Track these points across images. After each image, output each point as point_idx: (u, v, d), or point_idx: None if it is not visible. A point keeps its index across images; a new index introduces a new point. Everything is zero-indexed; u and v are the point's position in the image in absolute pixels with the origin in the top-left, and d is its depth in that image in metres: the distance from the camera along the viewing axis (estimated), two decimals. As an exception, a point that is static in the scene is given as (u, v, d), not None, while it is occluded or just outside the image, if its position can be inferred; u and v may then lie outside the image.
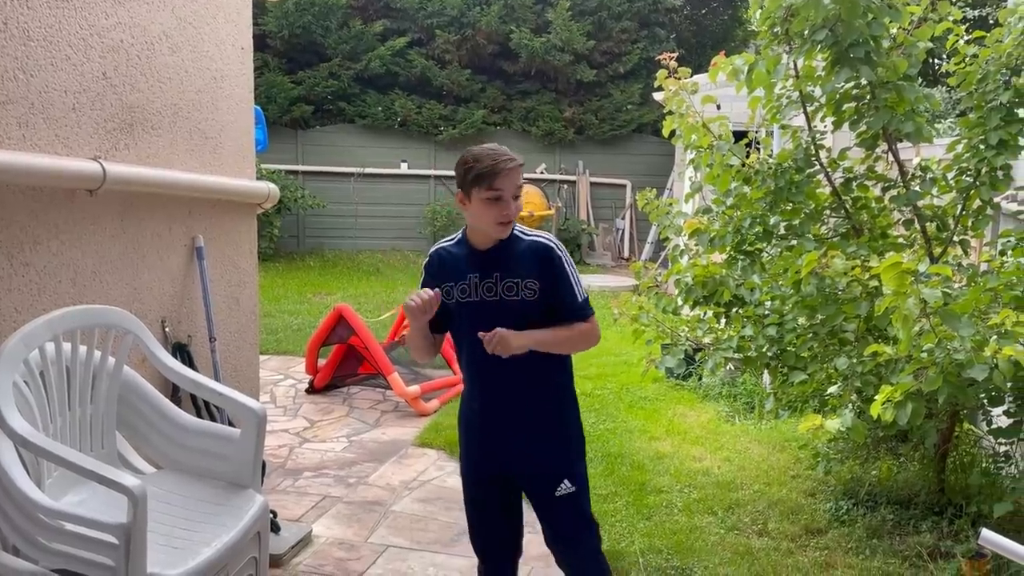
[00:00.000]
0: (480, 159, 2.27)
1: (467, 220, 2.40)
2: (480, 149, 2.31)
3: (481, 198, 2.28)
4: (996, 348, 2.80)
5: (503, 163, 2.26)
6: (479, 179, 2.26)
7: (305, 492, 4.29)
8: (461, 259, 2.40)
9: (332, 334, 5.75)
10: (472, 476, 2.59)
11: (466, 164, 2.30)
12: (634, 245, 13.11)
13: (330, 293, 9.68)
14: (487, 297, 2.37)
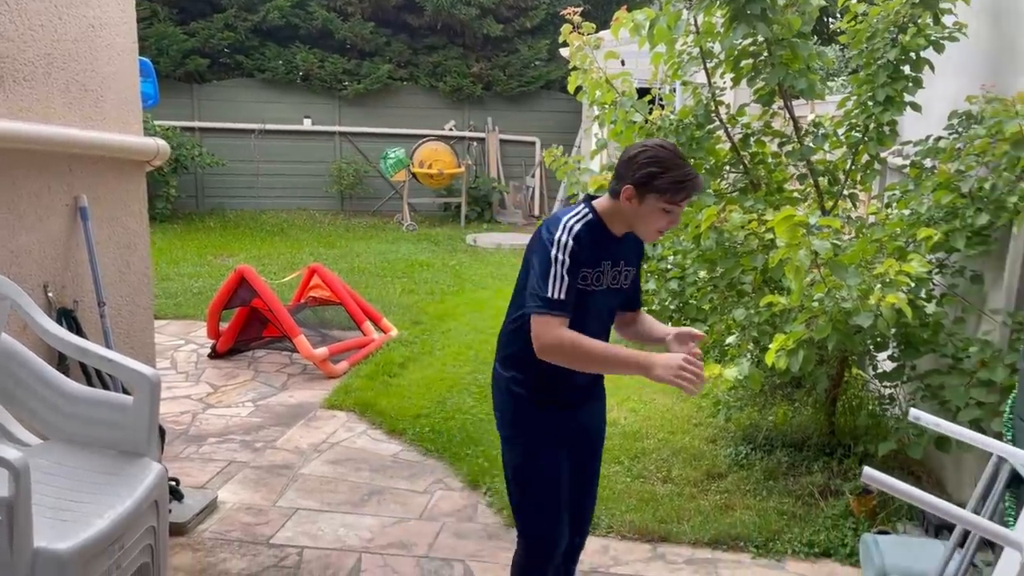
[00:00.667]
0: (671, 166, 2.14)
1: (619, 210, 2.21)
2: (668, 154, 2.16)
3: (658, 206, 2.17)
4: (880, 296, 2.94)
5: (695, 181, 2.17)
6: (667, 189, 2.14)
7: (210, 458, 4.19)
8: (597, 244, 2.21)
9: (234, 297, 5.57)
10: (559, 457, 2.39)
11: (653, 165, 2.13)
12: (544, 203, 13.16)
13: (232, 255, 9.39)
14: (611, 285, 2.31)
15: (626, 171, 2.17)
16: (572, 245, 2.14)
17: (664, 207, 2.16)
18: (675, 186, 2.14)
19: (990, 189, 3.20)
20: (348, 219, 12.20)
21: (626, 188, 2.16)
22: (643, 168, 2.14)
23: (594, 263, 2.22)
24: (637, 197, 2.16)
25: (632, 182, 2.15)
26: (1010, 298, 3.31)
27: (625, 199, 2.17)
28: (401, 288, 7.94)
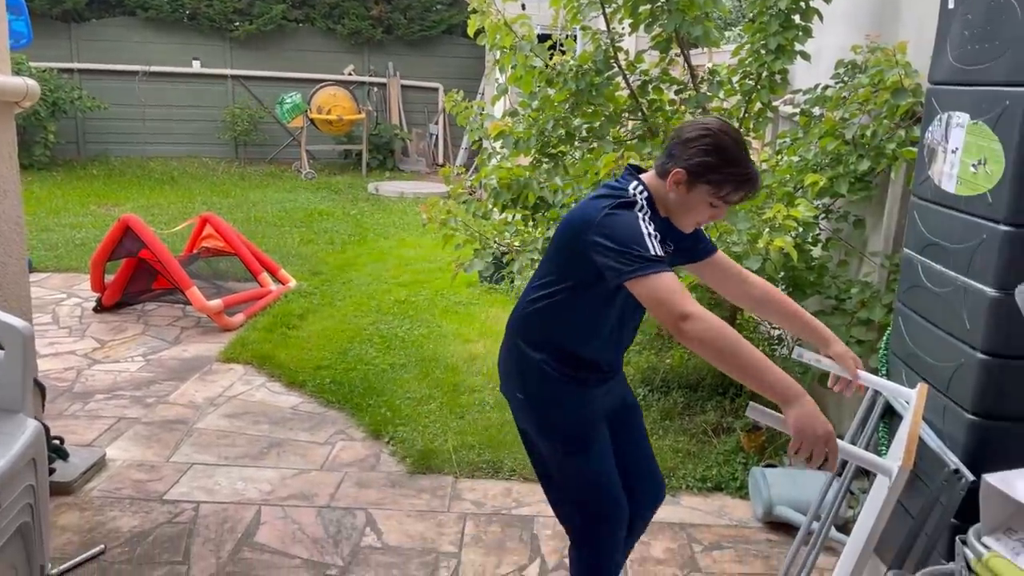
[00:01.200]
0: (732, 160, 1.91)
1: (659, 191, 2.00)
2: (732, 144, 1.93)
3: (706, 198, 1.95)
4: (768, 240, 3.04)
5: (755, 181, 1.96)
6: (723, 183, 1.93)
7: (97, 415, 4.02)
8: (654, 224, 1.95)
9: (119, 248, 5.31)
10: (607, 434, 2.23)
11: (714, 155, 1.91)
12: (448, 151, 13.02)
13: (118, 204, 8.93)
14: None
15: (681, 152, 1.94)
16: (650, 213, 1.91)
17: (714, 201, 1.96)
18: (733, 183, 1.93)
19: (871, 136, 3.33)
20: (243, 167, 11.77)
21: (677, 172, 1.93)
22: (702, 155, 1.91)
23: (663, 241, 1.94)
24: (687, 184, 1.94)
25: (685, 167, 1.92)
26: (888, 241, 3.48)
27: (672, 182, 1.94)
28: (300, 238, 7.74)
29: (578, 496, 2.20)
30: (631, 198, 1.93)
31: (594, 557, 2.24)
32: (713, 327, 1.70)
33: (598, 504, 2.18)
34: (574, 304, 2.04)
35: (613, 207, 1.90)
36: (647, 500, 2.39)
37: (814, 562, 2.72)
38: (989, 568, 1.30)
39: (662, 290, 1.75)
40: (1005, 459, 1.85)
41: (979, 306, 2.05)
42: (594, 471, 2.16)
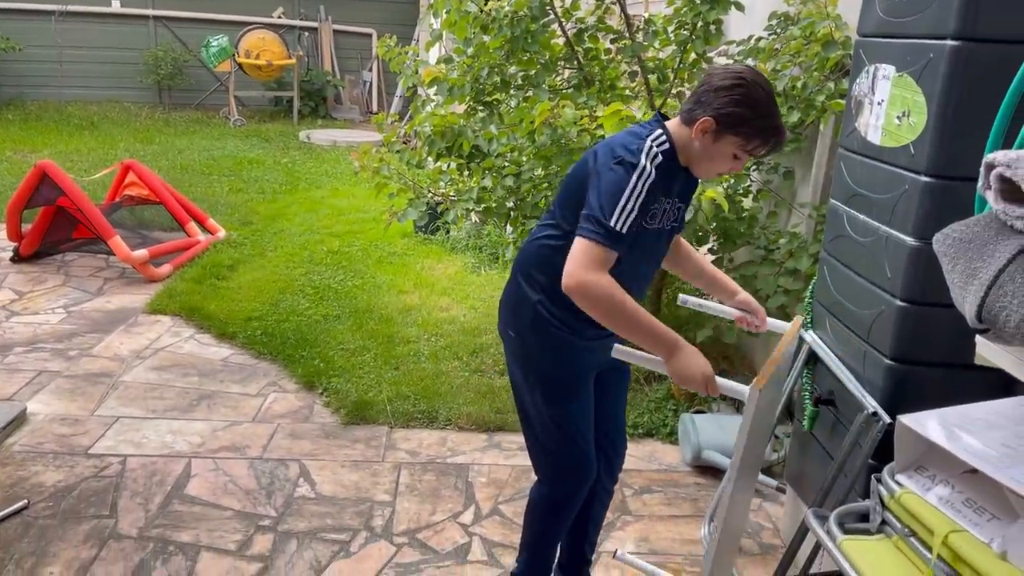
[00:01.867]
0: (764, 113, 1.87)
1: (683, 139, 1.95)
2: (765, 97, 1.87)
3: (731, 149, 1.91)
4: (700, 191, 3.07)
5: (782, 136, 1.92)
6: (753, 135, 1.88)
7: (16, 368, 3.88)
8: (670, 178, 1.95)
9: (36, 195, 5.07)
10: (591, 386, 2.21)
11: (746, 106, 1.86)
12: (382, 98, 12.75)
13: (35, 150, 8.52)
14: (666, 225, 2.05)
15: (711, 100, 1.88)
16: (653, 177, 1.86)
17: (738, 152, 1.92)
18: (762, 137, 1.89)
19: (802, 88, 3.37)
20: (167, 113, 11.33)
21: (705, 120, 1.88)
22: (733, 105, 1.86)
23: (666, 197, 1.97)
24: (713, 134, 1.90)
25: (715, 115, 1.87)
26: (816, 192, 3.55)
27: (699, 131, 1.90)
28: (229, 187, 7.53)
29: (550, 446, 2.20)
30: (637, 156, 1.88)
31: (551, 508, 2.28)
32: (602, 291, 1.81)
33: (568, 458, 2.20)
34: None
35: (617, 162, 1.87)
36: (607, 468, 2.40)
37: (739, 503, 2.82)
38: (901, 504, 1.36)
39: (589, 254, 1.82)
40: (920, 402, 1.92)
41: (899, 255, 2.12)
42: (571, 426, 2.17)
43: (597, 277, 1.81)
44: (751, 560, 2.80)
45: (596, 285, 1.80)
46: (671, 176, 1.95)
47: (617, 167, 1.86)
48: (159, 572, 2.57)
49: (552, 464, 2.24)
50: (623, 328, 1.86)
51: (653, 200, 1.90)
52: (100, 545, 2.68)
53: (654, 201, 1.91)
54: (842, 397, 2.41)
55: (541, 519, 2.31)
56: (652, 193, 1.87)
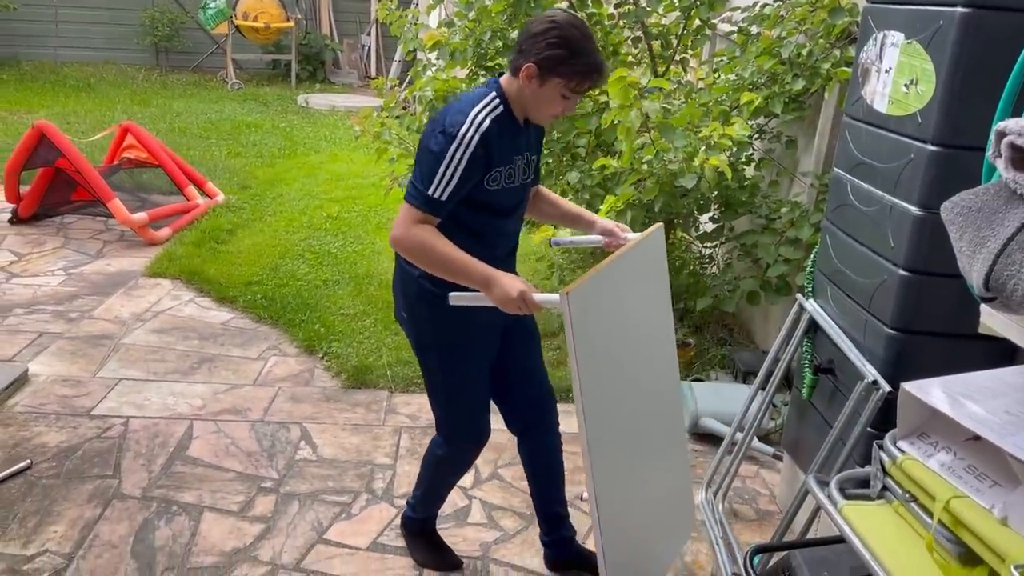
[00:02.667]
0: (580, 51, 1.95)
1: (515, 92, 2.03)
2: (578, 36, 1.96)
3: (559, 91, 1.99)
4: (704, 158, 3.06)
5: (603, 71, 2.01)
6: (573, 75, 1.96)
7: (17, 330, 3.89)
8: (510, 138, 2.04)
9: (34, 156, 5.04)
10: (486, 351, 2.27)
11: (562, 47, 1.94)
12: (381, 63, 12.62)
13: (31, 111, 8.44)
14: (523, 180, 2.13)
15: (531, 47, 1.97)
16: (476, 146, 1.94)
17: (565, 93, 2.01)
18: (582, 74, 1.98)
19: (807, 55, 3.34)
20: (165, 75, 11.22)
21: (528, 66, 1.97)
22: (550, 49, 1.94)
23: (507, 160, 2.05)
24: (539, 78, 1.98)
25: (536, 61, 1.96)
26: (819, 161, 3.54)
27: (525, 77, 1.99)
28: (227, 151, 7.48)
29: (446, 410, 2.34)
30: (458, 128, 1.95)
31: (444, 461, 2.43)
32: (415, 241, 1.96)
33: (462, 425, 2.34)
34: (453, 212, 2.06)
35: (442, 132, 1.97)
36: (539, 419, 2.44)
37: (736, 469, 2.85)
38: (903, 470, 1.37)
39: (408, 216, 1.97)
40: (920, 371, 1.93)
41: (903, 224, 2.12)
42: (465, 393, 2.29)
43: (410, 230, 1.95)
44: (748, 525, 2.83)
45: (409, 237, 1.96)
46: (512, 134, 2.05)
47: (440, 136, 1.96)
48: (162, 531, 2.60)
49: (450, 426, 2.36)
50: (443, 271, 1.99)
51: (491, 167, 2.00)
52: (104, 505, 2.70)
53: (494, 166, 2.00)
54: (842, 366, 2.43)
55: (435, 469, 2.47)
56: (477, 163, 1.96)
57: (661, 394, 2.34)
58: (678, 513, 2.46)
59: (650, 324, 2.28)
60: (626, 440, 2.12)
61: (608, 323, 2.04)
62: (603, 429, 1.97)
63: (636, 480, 2.18)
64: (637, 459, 2.19)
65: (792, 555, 1.71)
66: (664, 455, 2.37)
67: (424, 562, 2.54)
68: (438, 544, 2.57)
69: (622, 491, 2.11)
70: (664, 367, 2.38)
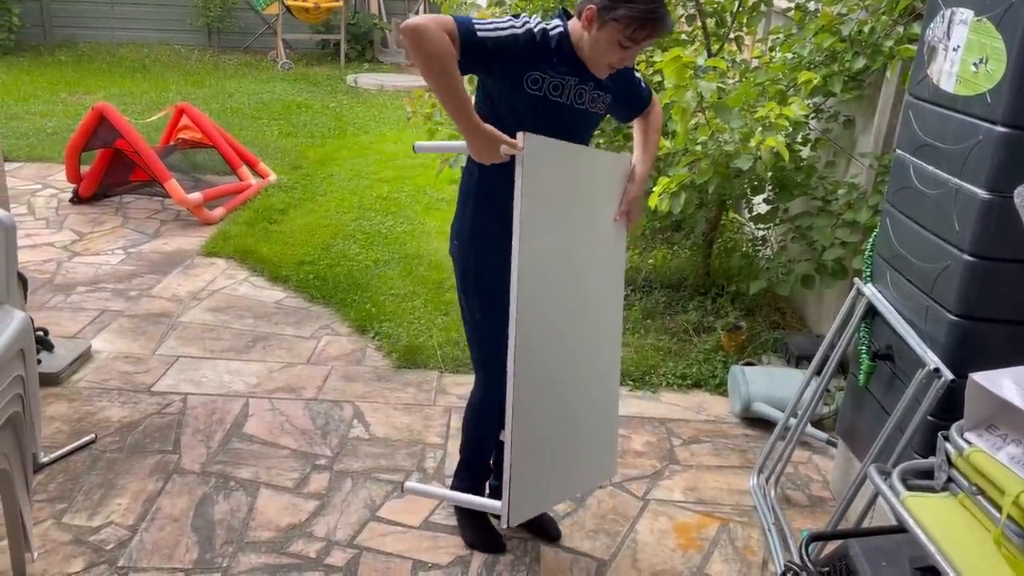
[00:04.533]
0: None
1: (578, 36, 2.07)
2: None
3: (615, 38, 2.01)
4: (760, 139, 3.01)
5: (663, 21, 2.01)
6: (631, 22, 1.98)
7: (80, 308, 4.00)
8: (563, 56, 2.07)
9: (94, 137, 5.16)
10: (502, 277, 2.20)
11: None
12: (428, 42, 12.61)
13: (88, 92, 8.64)
14: (577, 104, 2.14)
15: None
16: (529, 31, 2.02)
17: (622, 41, 2.01)
18: (638, 20, 1.98)
19: (868, 33, 3.25)
20: (217, 56, 11.37)
21: (588, 8, 2.00)
22: None
23: (554, 70, 2.06)
24: (597, 21, 2.00)
25: (596, 3, 1.99)
26: (878, 142, 3.45)
27: (585, 20, 2.02)
28: (278, 131, 7.57)
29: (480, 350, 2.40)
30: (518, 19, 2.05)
31: (478, 413, 2.50)
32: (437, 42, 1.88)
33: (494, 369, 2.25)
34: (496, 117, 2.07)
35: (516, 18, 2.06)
36: None
37: (790, 455, 2.82)
38: (970, 462, 1.34)
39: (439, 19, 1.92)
40: (983, 359, 1.89)
41: (970, 208, 2.06)
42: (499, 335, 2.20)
43: (434, 29, 1.88)
44: (800, 512, 2.80)
45: (434, 34, 1.88)
46: (565, 55, 2.08)
47: (505, 16, 2.07)
48: (221, 506, 2.67)
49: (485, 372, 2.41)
50: (440, 87, 1.94)
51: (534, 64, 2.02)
52: (165, 479, 2.78)
53: (535, 67, 2.02)
54: (901, 352, 2.38)
55: (469, 425, 2.54)
56: (521, 49, 1.99)
57: (599, 317, 2.40)
58: (599, 445, 2.51)
59: (599, 237, 2.34)
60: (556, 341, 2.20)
61: (557, 196, 2.14)
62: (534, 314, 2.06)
63: (558, 391, 2.25)
64: (564, 371, 2.26)
65: (848, 544, 1.69)
66: (593, 379, 2.43)
67: (472, 543, 2.57)
68: (486, 526, 2.59)
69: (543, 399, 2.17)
70: (608, 293, 2.43)
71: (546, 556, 2.54)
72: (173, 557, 2.44)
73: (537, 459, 2.21)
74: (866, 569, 1.55)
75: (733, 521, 2.75)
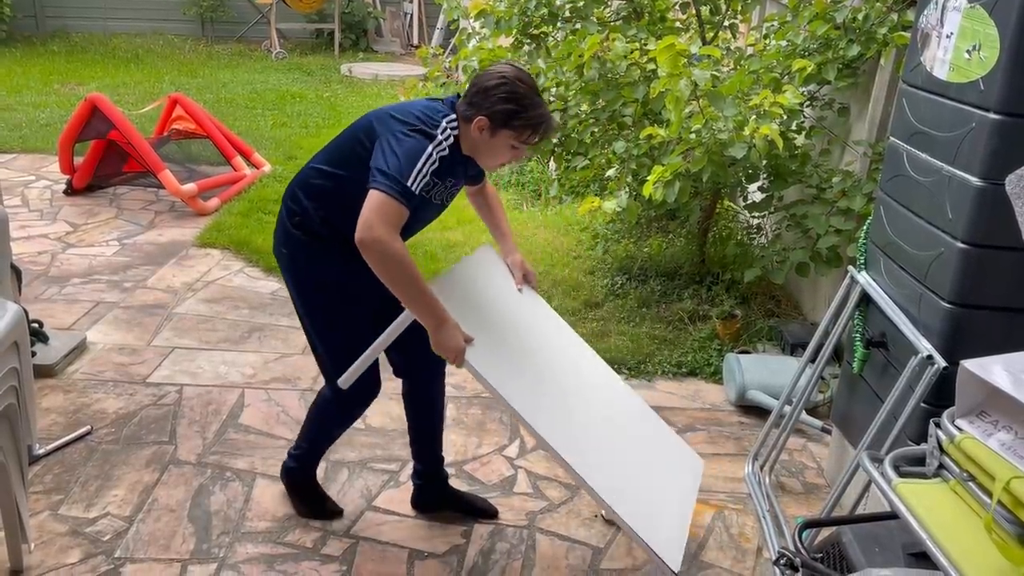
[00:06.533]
0: (529, 106, 2.07)
1: (464, 132, 2.12)
2: (527, 90, 2.08)
3: (509, 143, 2.12)
4: (755, 127, 3.01)
5: (550, 123, 2.13)
6: (524, 129, 2.09)
7: (75, 299, 4.00)
8: (455, 162, 2.14)
9: (87, 128, 5.14)
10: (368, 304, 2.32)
11: (512, 103, 2.06)
12: (424, 31, 12.57)
13: (82, 83, 8.59)
14: (445, 202, 2.25)
15: (481, 101, 2.08)
16: (447, 151, 2.07)
17: (516, 145, 2.13)
18: (532, 127, 2.10)
19: (863, 20, 3.25)
20: (210, 45, 11.31)
21: (480, 119, 2.08)
22: (501, 103, 2.06)
23: (451, 178, 2.16)
24: (489, 131, 2.10)
25: (487, 114, 2.08)
26: (872, 129, 3.45)
27: (476, 129, 2.10)
28: (273, 121, 7.54)
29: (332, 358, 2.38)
30: (434, 130, 2.06)
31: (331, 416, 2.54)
32: (392, 253, 1.94)
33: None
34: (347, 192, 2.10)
35: (415, 130, 2.05)
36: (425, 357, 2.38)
37: (784, 443, 2.83)
38: (961, 449, 1.35)
39: (383, 210, 1.95)
40: (976, 347, 1.90)
41: (963, 196, 2.06)
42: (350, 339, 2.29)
43: (393, 238, 1.94)
44: (794, 499, 2.82)
45: (392, 246, 1.94)
46: (454, 161, 2.13)
47: (415, 134, 2.04)
48: (217, 497, 2.68)
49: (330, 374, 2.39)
50: (405, 294, 2.02)
51: (441, 172, 2.06)
52: (161, 470, 2.79)
53: (442, 174, 2.07)
54: (895, 340, 2.39)
55: (320, 424, 2.56)
56: (442, 168, 2.05)
57: (579, 364, 2.57)
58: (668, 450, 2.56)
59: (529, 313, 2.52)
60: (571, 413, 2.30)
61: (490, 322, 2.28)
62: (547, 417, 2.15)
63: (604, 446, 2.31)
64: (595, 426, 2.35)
65: (842, 530, 1.70)
66: (616, 405, 2.54)
67: (307, 513, 2.61)
68: (320, 494, 2.65)
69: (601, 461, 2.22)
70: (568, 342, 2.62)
71: (541, 544, 2.55)
72: (170, 547, 2.44)
73: (643, 506, 2.21)
74: (859, 555, 1.56)
75: (728, 508, 2.76)
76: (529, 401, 2.13)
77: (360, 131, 2.16)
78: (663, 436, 2.62)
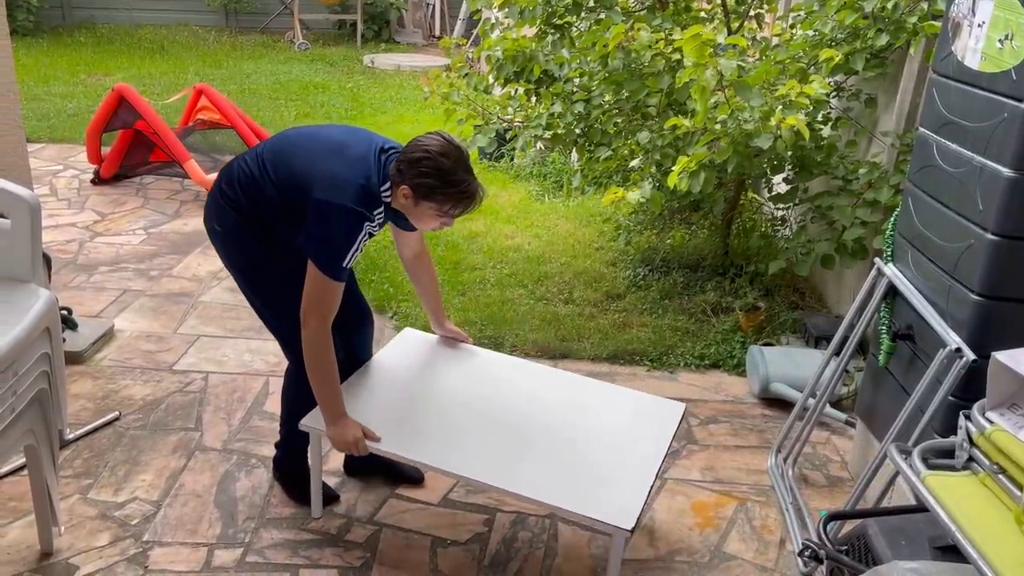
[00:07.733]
0: (450, 181, 2.13)
1: (399, 202, 2.21)
2: (450, 165, 2.13)
3: (433, 213, 2.19)
4: (780, 118, 2.98)
5: (473, 199, 2.18)
6: (445, 201, 2.15)
7: (103, 287, 4.05)
8: (385, 214, 2.24)
9: (114, 118, 5.19)
10: None
11: (433, 177, 2.12)
12: (446, 21, 12.56)
13: (108, 74, 8.67)
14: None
15: (407, 171, 2.14)
16: (378, 222, 2.19)
17: (442, 217, 2.19)
18: (453, 201, 2.15)
19: (892, 9, 3.21)
20: (234, 36, 11.38)
21: (403, 188, 2.15)
22: (423, 177, 2.12)
23: (379, 226, 2.24)
24: (413, 200, 2.16)
25: (410, 185, 2.14)
26: (900, 120, 3.41)
27: (402, 196, 2.17)
28: (296, 111, 7.58)
29: (288, 323, 2.37)
30: (371, 210, 2.15)
31: (299, 385, 2.47)
32: (318, 343, 2.19)
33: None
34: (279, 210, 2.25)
35: (356, 207, 2.13)
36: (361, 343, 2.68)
37: (808, 435, 2.82)
38: (991, 441, 1.34)
39: (323, 294, 2.16)
40: (1007, 339, 1.88)
41: (994, 187, 2.03)
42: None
43: (322, 325, 2.17)
44: (818, 492, 2.81)
45: (320, 332, 2.18)
46: (391, 216, 2.29)
47: (352, 215, 2.12)
48: (243, 483, 2.71)
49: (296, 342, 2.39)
50: (317, 381, 2.24)
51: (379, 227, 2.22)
52: (188, 456, 2.82)
53: (380, 226, 2.23)
54: (922, 332, 2.36)
55: (294, 396, 2.55)
56: (371, 234, 2.18)
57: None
58: (642, 416, 2.61)
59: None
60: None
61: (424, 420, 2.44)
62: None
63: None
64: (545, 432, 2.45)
65: (867, 523, 1.69)
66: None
67: (300, 498, 2.61)
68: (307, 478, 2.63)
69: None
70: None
71: (564, 533, 2.56)
72: (197, 532, 2.48)
73: (584, 490, 2.22)
74: (885, 548, 1.55)
75: (751, 500, 2.75)
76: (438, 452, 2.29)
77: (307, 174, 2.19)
78: (623, 414, 2.59)
